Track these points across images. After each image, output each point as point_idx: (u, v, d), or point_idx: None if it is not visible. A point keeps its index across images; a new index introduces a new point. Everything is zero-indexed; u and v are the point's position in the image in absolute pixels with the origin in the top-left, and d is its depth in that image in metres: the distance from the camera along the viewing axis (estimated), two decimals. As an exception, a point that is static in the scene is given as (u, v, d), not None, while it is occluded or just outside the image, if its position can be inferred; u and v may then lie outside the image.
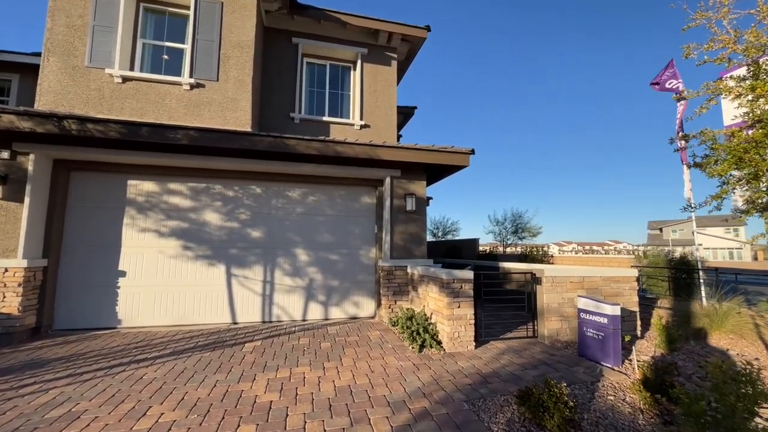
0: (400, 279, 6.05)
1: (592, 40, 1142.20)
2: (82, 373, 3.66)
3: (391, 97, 8.28)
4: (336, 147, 5.52)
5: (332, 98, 8.22)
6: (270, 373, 3.73)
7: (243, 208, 6.03)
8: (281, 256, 6.10)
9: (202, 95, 6.35)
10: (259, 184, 6.13)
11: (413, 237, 6.27)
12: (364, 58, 8.16)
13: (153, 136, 4.82)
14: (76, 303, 5.25)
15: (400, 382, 3.49)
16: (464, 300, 4.54)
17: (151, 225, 5.62)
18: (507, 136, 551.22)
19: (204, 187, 5.91)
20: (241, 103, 6.50)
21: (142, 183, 5.66)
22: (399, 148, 5.85)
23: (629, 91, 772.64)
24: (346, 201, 6.49)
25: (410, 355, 4.33)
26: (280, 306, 6.00)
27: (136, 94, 6.08)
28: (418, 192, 6.31)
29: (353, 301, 6.33)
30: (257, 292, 5.93)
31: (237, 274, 5.88)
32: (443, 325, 4.55)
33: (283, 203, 6.21)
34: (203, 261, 5.77)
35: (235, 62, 6.55)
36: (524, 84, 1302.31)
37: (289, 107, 7.70)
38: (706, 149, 4.17)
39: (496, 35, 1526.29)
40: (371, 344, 4.76)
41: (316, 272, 6.22)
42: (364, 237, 6.50)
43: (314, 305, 6.16)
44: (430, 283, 5.04)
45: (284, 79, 7.70)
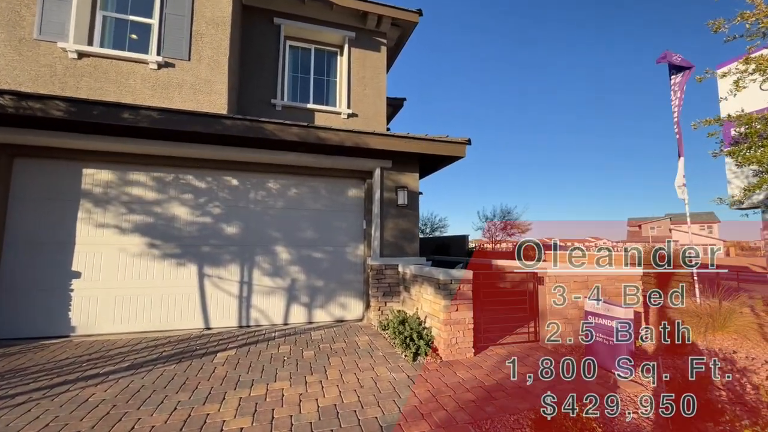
0: (390, 279, 5.59)
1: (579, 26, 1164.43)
2: (15, 395, 3.06)
3: (381, 85, 7.78)
4: (319, 133, 4.99)
5: (317, 85, 7.67)
6: (243, 390, 3.22)
7: (217, 201, 5.44)
8: (260, 254, 5.55)
9: (172, 76, 5.71)
10: (234, 175, 5.55)
11: (405, 233, 5.81)
12: (352, 43, 7.64)
13: (108, 117, 4.19)
14: (22, 308, 4.58)
15: (394, 400, 3.04)
16: (463, 302, 4.12)
17: (111, 220, 4.98)
18: (484, 131, 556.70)
19: (172, 178, 5.29)
20: (215, 86, 5.89)
21: (99, 172, 5.01)
22: (390, 136, 5.37)
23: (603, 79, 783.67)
24: (332, 194, 5.98)
25: (403, 364, 3.89)
26: (258, 309, 5.46)
27: (94, 72, 5.40)
28: (410, 184, 5.86)
29: (339, 303, 5.84)
30: (233, 293, 5.37)
31: (210, 274, 5.31)
32: (439, 330, 4.13)
33: (262, 196, 5.65)
34: (171, 260, 5.17)
35: (210, 40, 5.93)
36: (507, 80, 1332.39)
37: (270, 93, 7.11)
38: (735, 134, 3.87)
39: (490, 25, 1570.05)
40: (359, 352, 4.29)
41: (299, 272, 5.69)
42: (351, 233, 6.01)
43: (297, 307, 5.65)
44: (424, 284, 4.61)
45: (265, 62, 7.10)
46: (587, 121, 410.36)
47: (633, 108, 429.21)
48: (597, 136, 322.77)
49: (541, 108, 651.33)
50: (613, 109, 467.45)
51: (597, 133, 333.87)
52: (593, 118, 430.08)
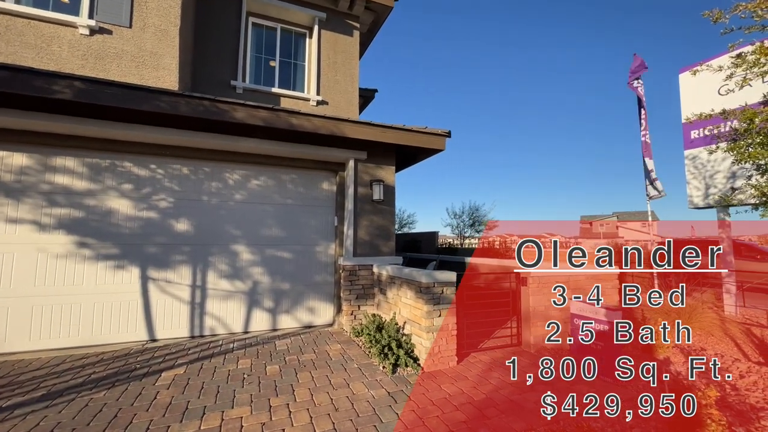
0: (364, 280, 5.16)
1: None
2: None
3: (353, 71, 7.28)
4: (291, 119, 4.42)
5: (284, 68, 7.01)
6: (192, 422, 2.66)
7: (164, 193, 4.70)
8: (216, 254, 4.89)
9: (109, 44, 4.86)
10: (186, 163, 4.83)
11: (380, 231, 5.40)
12: (322, 25, 7.05)
13: (14, 84, 3.35)
14: None
15: (375, 425, 2.62)
16: (446, 307, 3.79)
17: (27, 214, 4.10)
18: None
19: (108, 165, 4.48)
20: (164, 60, 5.10)
21: (11, 156, 4.10)
22: (367, 124, 4.91)
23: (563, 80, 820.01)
24: (300, 187, 5.42)
25: (382, 378, 3.49)
26: (214, 316, 4.81)
27: (5, 33, 4.44)
28: (386, 178, 5.44)
29: (308, 307, 5.32)
30: (184, 299, 4.68)
31: (156, 278, 4.57)
32: (421, 338, 3.77)
33: (219, 188, 4.98)
34: (108, 262, 4.38)
35: (156, 6, 5.11)
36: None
37: (230, 74, 6.38)
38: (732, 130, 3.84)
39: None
40: (332, 364, 3.83)
41: (262, 273, 5.10)
42: (321, 231, 5.49)
43: (259, 313, 5.06)
44: (403, 287, 4.23)
45: (225, 40, 6.34)
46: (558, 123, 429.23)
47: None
48: (566, 138, 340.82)
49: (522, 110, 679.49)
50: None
51: (566, 135, 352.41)
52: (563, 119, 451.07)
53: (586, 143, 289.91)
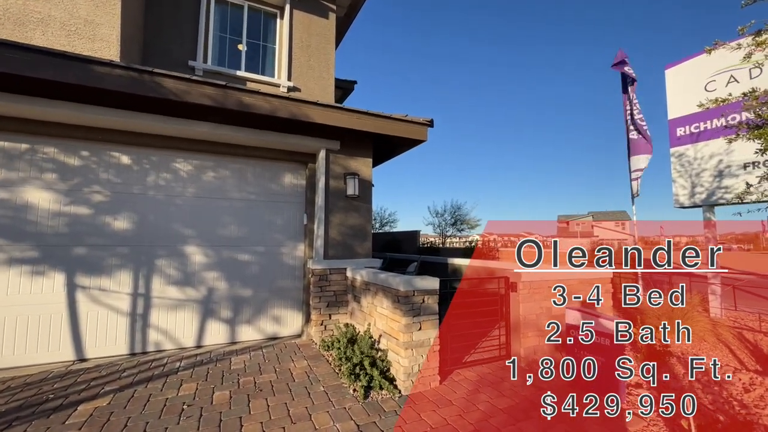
0: (336, 285, 4.59)
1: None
2: None
3: (328, 56, 6.68)
4: (243, 97, 3.78)
5: (252, 50, 6.33)
6: (96, 480, 2.02)
7: (98, 185, 3.98)
8: (163, 256, 4.20)
9: (30, 7, 4.08)
10: (127, 150, 4.12)
11: (355, 230, 4.83)
12: (295, 4, 6.42)
13: None
14: None
15: (337, 477, 2.07)
16: (427, 319, 3.28)
17: None
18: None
19: (25, 149, 3.73)
20: (101, 30, 4.36)
21: None
22: (337, 108, 4.33)
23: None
24: (263, 181, 4.78)
25: (352, 405, 2.94)
26: (160, 329, 4.13)
27: None
28: (362, 172, 4.88)
29: (272, 316, 4.70)
30: (122, 310, 3.98)
31: (87, 285, 3.86)
32: (398, 355, 3.24)
33: (167, 180, 4.29)
34: (23, 266, 3.64)
35: (93, -33, 4.36)
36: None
37: (189, 54, 5.66)
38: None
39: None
40: (294, 387, 3.25)
41: (219, 278, 4.45)
42: (288, 230, 4.88)
43: (215, 324, 4.40)
44: (378, 294, 3.69)
45: (183, 16, 5.64)
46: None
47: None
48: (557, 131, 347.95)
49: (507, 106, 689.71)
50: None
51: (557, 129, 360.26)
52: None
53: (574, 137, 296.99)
